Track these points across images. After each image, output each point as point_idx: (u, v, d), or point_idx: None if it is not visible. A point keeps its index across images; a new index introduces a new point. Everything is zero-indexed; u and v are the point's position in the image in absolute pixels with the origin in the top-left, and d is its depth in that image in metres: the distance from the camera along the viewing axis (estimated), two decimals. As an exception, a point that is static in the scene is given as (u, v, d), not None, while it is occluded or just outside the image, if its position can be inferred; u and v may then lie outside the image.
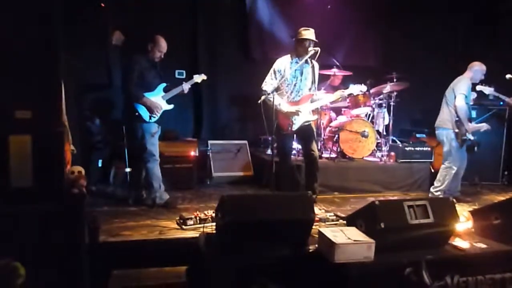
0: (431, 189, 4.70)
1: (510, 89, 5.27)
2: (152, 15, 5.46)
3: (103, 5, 4.98)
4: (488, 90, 5.14)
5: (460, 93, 4.43)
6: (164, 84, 4.22)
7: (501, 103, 5.83)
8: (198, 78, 4.47)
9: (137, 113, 3.98)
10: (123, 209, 3.97)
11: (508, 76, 4.81)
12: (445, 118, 4.61)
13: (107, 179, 5.02)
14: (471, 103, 5.44)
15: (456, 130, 4.46)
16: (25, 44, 2.31)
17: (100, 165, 5.10)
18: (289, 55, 4.22)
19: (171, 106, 4.23)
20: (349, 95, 4.40)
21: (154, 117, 4.05)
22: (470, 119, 4.59)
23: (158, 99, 4.11)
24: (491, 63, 4.72)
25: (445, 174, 4.60)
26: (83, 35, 4.79)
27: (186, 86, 4.30)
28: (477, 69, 4.58)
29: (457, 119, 4.45)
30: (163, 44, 4.10)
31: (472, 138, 4.51)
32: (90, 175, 4.85)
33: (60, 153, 2.40)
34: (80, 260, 2.28)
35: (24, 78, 2.31)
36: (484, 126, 4.68)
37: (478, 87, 5.07)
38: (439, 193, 4.60)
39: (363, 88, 4.31)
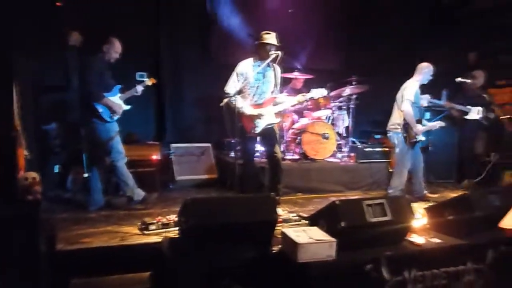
0: (388, 190, 4.87)
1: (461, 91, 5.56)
2: (112, 15, 5.32)
3: (58, 4, 4.81)
4: (424, 98, 5.40)
5: (406, 98, 4.62)
6: (119, 86, 4.22)
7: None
8: (149, 81, 4.54)
9: (97, 113, 3.94)
10: (82, 216, 3.84)
11: (458, 79, 5.06)
12: (395, 122, 4.79)
13: (65, 185, 4.83)
14: (426, 104, 5.70)
15: (405, 134, 4.64)
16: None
17: (57, 170, 4.91)
18: (251, 58, 4.25)
19: (129, 107, 4.25)
20: (310, 98, 4.48)
21: (116, 116, 4.06)
22: (420, 121, 4.77)
23: (116, 100, 4.12)
24: (444, 64, 4.93)
25: (399, 175, 4.78)
26: (39, 35, 4.60)
27: (139, 88, 4.36)
28: (426, 71, 4.77)
29: (405, 122, 4.64)
30: (118, 45, 4.12)
31: (423, 139, 4.71)
32: (47, 180, 4.67)
33: (12, 158, 2.30)
34: (37, 269, 2.18)
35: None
36: (436, 125, 4.89)
37: None
38: (396, 192, 4.75)
39: (324, 92, 4.41)
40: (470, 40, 6.38)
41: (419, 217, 3.15)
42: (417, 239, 2.77)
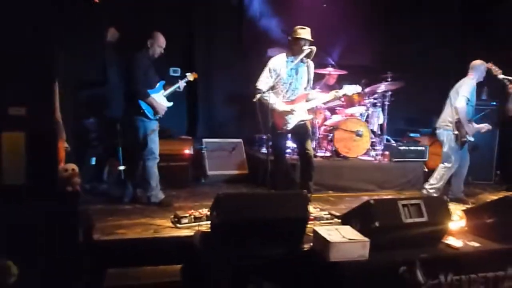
0: (426, 186, 4.73)
1: (502, 89, 5.31)
2: (146, 11, 5.42)
3: (97, 1, 4.94)
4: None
5: (463, 95, 4.45)
6: (163, 82, 4.23)
7: (493, 103, 5.88)
8: (190, 76, 4.54)
9: (142, 110, 3.97)
10: (117, 207, 3.95)
11: (501, 76, 4.83)
12: (446, 119, 4.63)
13: (101, 177, 4.98)
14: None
15: (456, 132, 4.48)
16: (19, 41, 2.28)
17: (94, 162, 5.07)
18: (284, 54, 4.21)
19: (171, 104, 4.26)
20: (344, 95, 4.40)
21: (159, 115, 4.09)
22: (472, 121, 4.61)
23: (160, 97, 4.13)
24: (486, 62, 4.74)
25: (442, 173, 4.63)
26: (77, 32, 4.74)
27: (182, 84, 4.37)
28: (481, 68, 4.61)
29: (457, 120, 4.48)
30: (162, 40, 4.10)
31: (472, 139, 4.54)
32: (84, 173, 4.83)
33: (54, 150, 2.39)
34: (75, 259, 2.26)
35: (18, 75, 2.29)
36: (485, 127, 4.70)
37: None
38: (433, 190, 4.63)
39: (358, 88, 4.32)
40: (506, 37, 6.09)
41: (457, 219, 3.04)
42: (455, 242, 2.68)
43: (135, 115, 4.01)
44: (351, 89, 4.28)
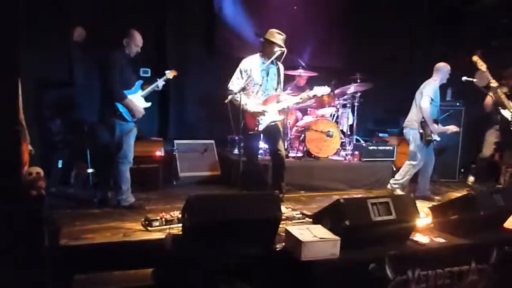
0: (391, 181, 4.89)
1: (467, 91, 5.52)
2: (116, 10, 5.31)
3: (64, -1, 4.81)
4: None
5: (426, 95, 4.62)
6: (141, 81, 4.11)
7: (458, 104, 6.11)
8: (170, 74, 4.39)
9: (118, 112, 3.83)
10: (85, 211, 3.84)
11: (464, 78, 5.02)
12: (412, 119, 4.79)
13: (68, 180, 4.84)
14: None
15: (421, 131, 4.64)
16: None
17: (60, 165, 4.92)
18: (256, 55, 4.23)
19: (149, 104, 4.13)
20: (314, 96, 4.47)
21: (136, 118, 3.95)
22: (437, 121, 4.77)
23: (138, 98, 4.00)
24: (451, 64, 4.92)
25: (406, 170, 4.79)
26: (43, 31, 4.59)
27: (160, 83, 4.24)
28: (445, 70, 4.78)
29: (422, 120, 4.63)
30: (139, 38, 3.97)
31: (438, 139, 4.71)
32: (50, 176, 4.68)
33: (17, 153, 2.29)
34: (40, 265, 2.18)
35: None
36: (451, 129, 4.87)
37: None
38: (396, 186, 4.78)
39: (327, 89, 4.39)
40: (474, 39, 6.34)
41: (424, 216, 3.14)
42: (421, 238, 2.77)
43: (111, 117, 3.87)
44: (321, 90, 4.35)
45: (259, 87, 4.20)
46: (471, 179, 5.50)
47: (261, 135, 4.42)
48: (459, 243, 2.79)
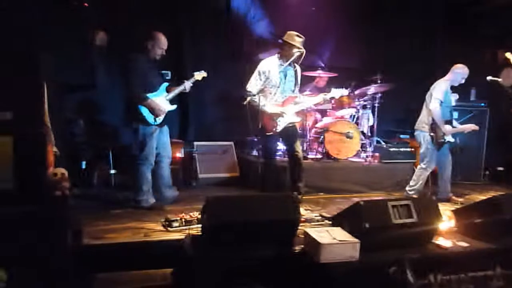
0: (406, 188, 4.78)
1: (492, 91, 5.39)
2: (135, 15, 5.40)
3: (86, 4, 4.92)
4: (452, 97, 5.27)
5: (435, 97, 4.53)
6: (166, 84, 4.11)
7: (482, 104, 5.96)
8: (199, 75, 4.30)
9: (141, 116, 3.85)
10: (107, 212, 3.91)
11: (489, 78, 4.90)
12: (422, 121, 4.70)
13: (91, 181, 4.94)
14: (453, 104, 5.54)
15: (432, 134, 4.54)
16: (6, 44, 2.26)
17: (83, 167, 5.03)
18: (274, 56, 4.23)
19: (174, 107, 4.14)
20: (331, 98, 4.46)
21: (159, 119, 3.96)
22: (450, 121, 4.67)
23: (162, 100, 4.00)
24: (471, 64, 4.80)
25: (419, 174, 4.69)
26: (66, 35, 4.72)
27: (188, 85, 4.18)
28: (459, 72, 4.65)
29: (432, 122, 4.54)
30: (163, 41, 3.95)
31: (451, 140, 4.60)
32: (74, 177, 4.79)
33: (42, 155, 2.36)
34: (63, 264, 2.24)
35: (5, 79, 2.26)
36: (467, 127, 4.76)
37: None
38: (412, 192, 4.67)
39: (345, 92, 4.39)
40: (495, 39, 6.20)
41: (446, 219, 3.07)
42: (444, 242, 2.71)
43: (134, 120, 3.91)
44: (338, 92, 4.36)
45: (277, 89, 4.20)
46: None
47: (279, 136, 4.41)
48: (484, 247, 2.72)
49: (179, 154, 5.13)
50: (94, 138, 5.11)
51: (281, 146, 5.04)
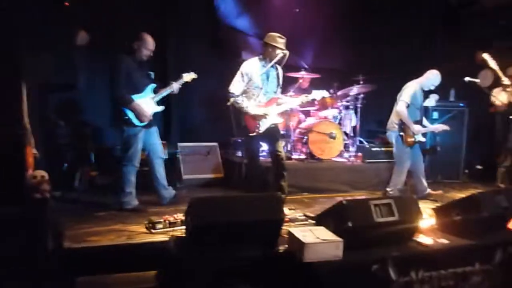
0: (387, 189, 4.85)
1: (471, 92, 5.50)
2: (118, 14, 5.34)
3: (67, 4, 4.84)
4: (432, 98, 5.38)
5: (401, 99, 4.64)
6: (154, 85, 4.07)
7: (461, 104, 6.09)
8: (188, 76, 4.27)
9: (126, 117, 3.83)
10: (89, 214, 3.85)
11: (467, 78, 5.01)
12: (392, 121, 4.80)
13: (72, 184, 4.86)
14: (433, 104, 5.66)
15: (401, 133, 4.64)
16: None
17: (65, 169, 4.94)
18: (256, 58, 4.24)
19: (161, 108, 4.11)
20: (313, 100, 4.52)
21: (144, 122, 3.94)
22: (420, 122, 4.77)
23: (147, 102, 3.97)
24: (453, 64, 4.91)
25: (396, 174, 4.79)
26: (47, 35, 4.62)
27: (176, 86, 4.15)
28: (430, 77, 4.76)
29: (401, 122, 4.65)
30: (151, 42, 3.94)
31: (422, 139, 4.70)
32: (55, 179, 4.70)
33: (21, 157, 2.32)
34: (43, 267, 2.20)
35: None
36: (438, 127, 4.89)
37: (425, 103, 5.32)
38: (393, 192, 4.74)
39: (325, 93, 4.47)
40: (476, 40, 6.33)
41: (427, 217, 3.13)
42: (425, 239, 2.76)
43: (119, 120, 3.88)
44: (319, 94, 4.42)
45: (260, 90, 4.21)
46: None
47: (262, 137, 4.42)
48: (463, 244, 2.77)
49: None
50: (76, 140, 5.03)
51: (264, 146, 5.05)
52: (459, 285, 2.65)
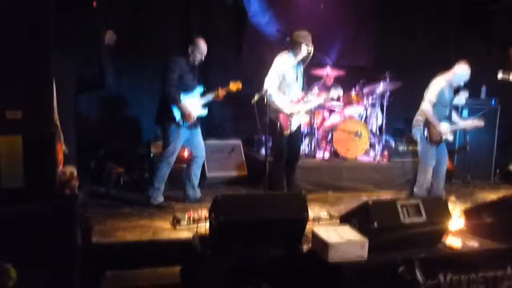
0: (415, 189, 4.74)
1: (504, 89, 5.31)
2: (144, 14, 5.42)
3: (94, 4, 4.94)
4: (462, 95, 5.20)
5: (427, 98, 4.50)
6: (201, 87, 4.23)
7: (493, 102, 5.88)
8: (233, 86, 4.38)
9: (172, 116, 3.98)
10: (116, 210, 3.95)
11: (499, 76, 4.82)
12: (418, 118, 4.67)
13: (100, 180, 4.98)
14: (463, 102, 5.48)
15: (426, 132, 4.51)
16: (15, 43, 2.28)
17: (93, 166, 5.06)
18: (288, 54, 4.19)
19: (205, 111, 4.25)
20: (331, 98, 4.48)
21: (188, 122, 4.07)
22: (449, 120, 4.62)
23: (194, 103, 4.12)
24: (482, 62, 4.74)
25: (422, 173, 4.66)
26: (75, 34, 4.74)
27: (222, 93, 4.28)
28: (458, 72, 4.54)
29: (426, 120, 4.53)
30: (203, 46, 4.11)
31: (449, 138, 4.55)
32: (84, 175, 4.83)
33: (52, 154, 2.38)
34: (73, 262, 2.26)
35: (14, 78, 2.29)
36: (469, 124, 4.72)
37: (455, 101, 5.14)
38: (421, 192, 4.63)
39: (340, 92, 4.45)
40: (507, 35, 6.10)
41: (456, 219, 3.04)
42: (454, 242, 2.68)
43: (165, 117, 4.02)
44: (335, 93, 4.41)
45: (290, 87, 4.19)
46: None
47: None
48: (494, 247, 2.68)
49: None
50: (104, 137, 5.14)
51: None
52: (490, 289, 2.56)
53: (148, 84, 5.45)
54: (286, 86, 4.15)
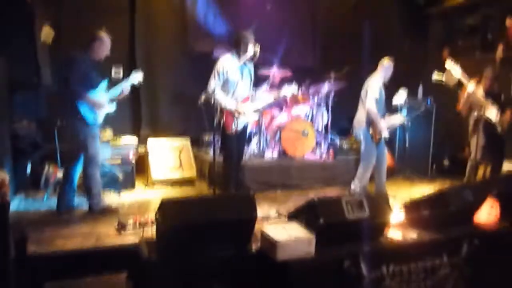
0: (352, 187, 4.89)
1: (439, 88, 5.65)
2: (84, 8, 5.17)
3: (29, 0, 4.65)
4: (401, 94, 5.47)
5: (371, 96, 4.62)
6: (105, 82, 4.00)
7: (429, 101, 6.24)
8: (135, 78, 4.20)
9: (79, 115, 3.74)
10: (55, 217, 3.73)
11: (434, 77, 5.11)
12: (360, 119, 4.78)
13: (38, 185, 4.68)
14: (402, 102, 5.75)
15: (371, 131, 4.68)
16: None
17: (29, 170, 4.75)
18: (231, 55, 4.19)
19: (113, 107, 4.03)
20: (283, 96, 4.53)
21: (97, 118, 3.86)
22: (383, 116, 4.80)
23: (100, 97, 3.90)
24: (420, 63, 5.01)
25: (363, 171, 4.82)
26: (8, 31, 4.43)
27: (125, 87, 4.11)
28: (387, 66, 4.75)
29: (369, 119, 4.67)
30: (107, 42, 3.90)
31: (387, 135, 4.74)
32: (19, 180, 4.52)
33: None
34: (6, 276, 2.09)
35: None
36: (396, 119, 4.93)
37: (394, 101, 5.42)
38: (359, 190, 4.80)
39: (294, 88, 4.49)
40: (443, 37, 6.51)
41: (397, 213, 3.18)
42: (395, 234, 2.81)
43: (74, 119, 3.78)
44: (289, 90, 4.43)
45: (236, 86, 4.18)
46: None
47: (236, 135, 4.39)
48: (431, 237, 2.84)
49: (133, 153, 4.96)
50: (40, 139, 4.84)
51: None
52: (429, 277, 2.71)
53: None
54: (230, 86, 4.14)
